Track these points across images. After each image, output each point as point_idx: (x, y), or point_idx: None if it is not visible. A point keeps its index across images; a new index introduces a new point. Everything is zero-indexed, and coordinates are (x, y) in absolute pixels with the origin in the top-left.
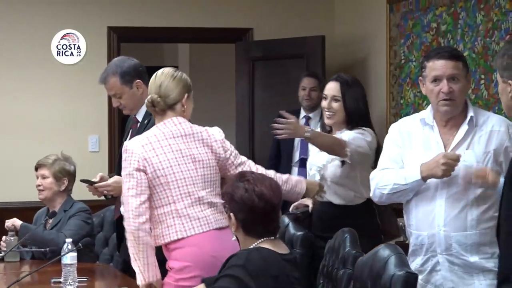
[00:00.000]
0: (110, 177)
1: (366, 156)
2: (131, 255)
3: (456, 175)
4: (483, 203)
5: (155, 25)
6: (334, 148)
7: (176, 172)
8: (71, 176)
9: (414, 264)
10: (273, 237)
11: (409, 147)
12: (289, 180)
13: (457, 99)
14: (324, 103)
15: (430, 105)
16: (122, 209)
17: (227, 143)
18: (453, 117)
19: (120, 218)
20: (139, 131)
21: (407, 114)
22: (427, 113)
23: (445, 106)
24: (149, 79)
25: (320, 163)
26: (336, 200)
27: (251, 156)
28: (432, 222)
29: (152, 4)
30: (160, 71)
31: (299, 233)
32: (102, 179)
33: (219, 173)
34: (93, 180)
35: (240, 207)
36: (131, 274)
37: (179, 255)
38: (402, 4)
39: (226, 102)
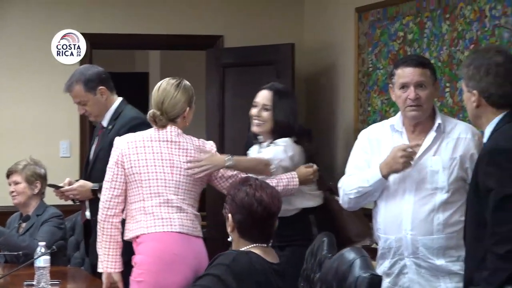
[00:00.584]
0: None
1: (289, 170)
2: (98, 242)
3: (423, 178)
4: (449, 208)
5: (126, 32)
6: (258, 169)
7: (150, 172)
8: (43, 179)
9: (382, 267)
10: (265, 245)
11: (378, 153)
12: (280, 182)
13: (424, 105)
14: (254, 111)
15: (400, 112)
16: (87, 213)
17: None
18: (420, 123)
19: (87, 221)
20: (103, 137)
21: (374, 121)
22: (396, 119)
23: (412, 111)
24: (113, 85)
25: None
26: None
27: None
28: (400, 226)
29: (123, 11)
30: (164, 84)
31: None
32: (69, 183)
33: (200, 185)
34: (60, 185)
35: (239, 209)
36: (100, 277)
37: (141, 249)
38: (370, 13)
39: (196, 109)
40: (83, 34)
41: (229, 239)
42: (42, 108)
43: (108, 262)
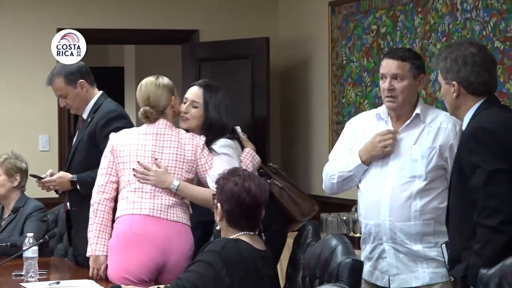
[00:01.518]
0: None
1: None
2: (89, 226)
3: (402, 168)
4: (426, 195)
5: (101, 27)
6: (210, 204)
7: (132, 162)
8: (23, 172)
9: (364, 251)
10: (252, 233)
11: (362, 140)
12: (248, 167)
13: (399, 97)
14: (182, 107)
15: None
16: (68, 203)
17: (205, 152)
18: (402, 113)
19: (68, 212)
20: (82, 130)
21: (349, 113)
22: (382, 109)
23: (388, 102)
24: (93, 79)
25: None
26: None
27: None
28: (378, 212)
29: (98, 6)
30: (144, 83)
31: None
32: (50, 175)
33: (183, 176)
34: (42, 176)
35: (228, 198)
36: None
37: (113, 232)
38: (344, 6)
39: None
40: (59, 29)
41: (217, 228)
42: (21, 103)
43: (97, 245)
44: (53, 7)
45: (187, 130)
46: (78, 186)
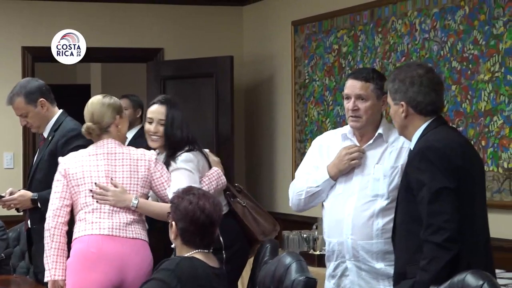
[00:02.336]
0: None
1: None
2: (45, 251)
3: (365, 188)
4: (388, 214)
5: None
6: (164, 218)
7: (87, 183)
8: None
9: (328, 269)
10: (207, 251)
11: (327, 158)
12: (210, 186)
13: (363, 117)
14: (150, 127)
15: None
16: (29, 222)
17: (159, 166)
18: (366, 133)
19: (29, 230)
20: (43, 148)
21: (311, 131)
22: (348, 128)
23: (352, 121)
24: (53, 97)
25: None
26: None
27: None
28: (341, 230)
29: (65, 24)
30: (91, 101)
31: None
32: (11, 193)
33: (139, 192)
34: (2, 194)
35: (182, 217)
36: (44, 285)
37: (71, 252)
38: (306, 26)
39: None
40: (25, 47)
41: (172, 246)
42: None
43: (56, 269)
44: (17, 26)
45: (153, 149)
46: (39, 204)
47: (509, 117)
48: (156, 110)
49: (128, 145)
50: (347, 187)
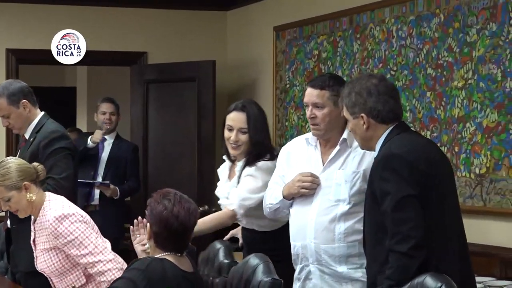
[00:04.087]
0: None
1: (261, 199)
2: None
3: (328, 193)
4: (350, 218)
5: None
6: (222, 226)
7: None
8: None
9: (296, 272)
10: (179, 254)
11: (294, 164)
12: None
13: (321, 124)
14: (230, 135)
15: None
16: (8, 222)
17: (62, 228)
18: (331, 138)
19: (9, 230)
20: (24, 149)
21: (291, 136)
22: (311, 134)
23: (312, 130)
24: (35, 99)
25: (226, 192)
26: (255, 228)
27: (145, 176)
28: (305, 234)
29: (50, 27)
30: None
31: (226, 261)
32: None
33: (60, 261)
34: None
35: (156, 221)
36: (21, 285)
37: None
38: (287, 31)
39: (122, 123)
40: (9, 49)
41: (146, 246)
42: None
43: None
44: (2, 28)
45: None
46: None
47: (481, 124)
48: (236, 118)
49: (112, 148)
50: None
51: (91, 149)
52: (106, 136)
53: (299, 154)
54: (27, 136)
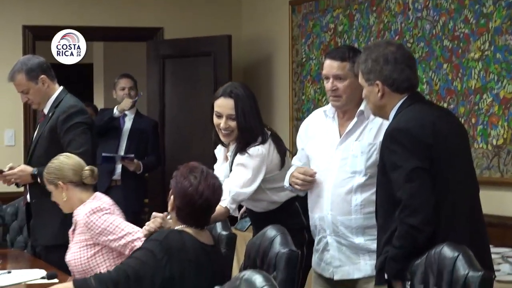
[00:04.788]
0: None
1: (253, 191)
2: None
3: (345, 164)
4: (367, 190)
5: (69, 24)
6: (214, 223)
7: None
8: None
9: (314, 243)
10: (200, 228)
11: (313, 136)
12: None
13: (343, 96)
14: (219, 121)
15: None
16: (28, 196)
17: (93, 221)
18: (348, 110)
19: (28, 204)
20: (43, 124)
21: (308, 109)
22: (329, 106)
23: (332, 101)
24: (54, 74)
25: (223, 174)
26: (254, 209)
27: (161, 151)
28: (322, 206)
29: (66, 3)
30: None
31: (224, 232)
32: (10, 169)
33: (88, 258)
34: (2, 169)
35: (180, 196)
36: (41, 259)
37: None
38: (303, 5)
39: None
40: (26, 26)
41: (168, 217)
42: None
43: None
44: (19, 4)
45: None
46: (38, 179)
47: (498, 95)
48: (224, 104)
49: (134, 123)
50: (329, 164)
51: (114, 120)
52: (126, 112)
53: (317, 126)
54: (45, 111)
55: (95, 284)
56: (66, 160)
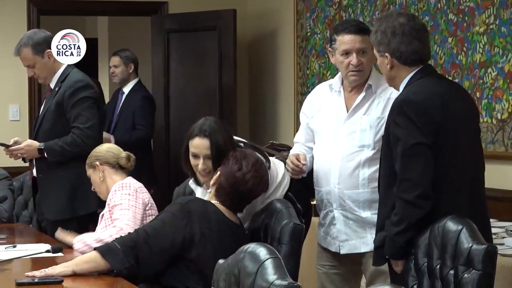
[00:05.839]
0: None
1: None
2: None
3: (352, 138)
4: (374, 164)
5: None
6: None
7: None
8: None
9: (319, 218)
10: (231, 210)
11: (317, 110)
12: None
13: (365, 70)
14: (197, 162)
15: (340, 73)
16: (34, 170)
17: (113, 194)
18: (357, 84)
19: (35, 179)
20: (49, 99)
21: (313, 84)
22: (335, 80)
23: (354, 76)
24: None
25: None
26: None
27: (167, 126)
28: (328, 180)
29: None
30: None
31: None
32: (16, 143)
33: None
34: (8, 143)
35: (227, 176)
36: (47, 233)
37: None
38: None
39: (142, 74)
40: (30, 0)
41: (208, 190)
42: None
43: None
44: None
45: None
46: (45, 154)
47: (503, 69)
48: (200, 145)
49: (125, 99)
50: (335, 138)
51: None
52: (123, 89)
53: (322, 101)
54: (52, 85)
55: (119, 246)
56: (105, 146)
